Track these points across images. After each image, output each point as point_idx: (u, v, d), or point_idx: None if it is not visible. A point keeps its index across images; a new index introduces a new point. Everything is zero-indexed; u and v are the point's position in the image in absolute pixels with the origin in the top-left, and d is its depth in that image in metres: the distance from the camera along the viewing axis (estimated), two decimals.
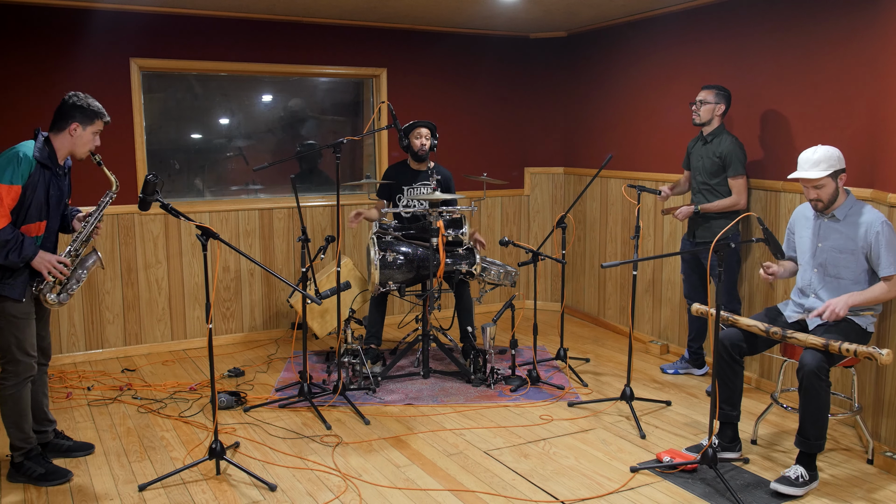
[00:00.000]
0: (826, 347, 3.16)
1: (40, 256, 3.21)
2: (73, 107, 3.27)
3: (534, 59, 6.38)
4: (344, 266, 5.08)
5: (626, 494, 3.25)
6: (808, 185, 3.39)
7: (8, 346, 3.22)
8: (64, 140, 3.28)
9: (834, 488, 3.31)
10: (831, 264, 3.44)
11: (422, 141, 4.89)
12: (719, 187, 4.44)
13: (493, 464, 3.54)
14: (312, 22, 5.57)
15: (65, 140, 3.28)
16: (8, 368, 3.25)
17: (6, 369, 3.25)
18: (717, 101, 4.41)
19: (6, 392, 3.25)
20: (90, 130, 3.32)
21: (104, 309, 5.17)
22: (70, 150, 3.31)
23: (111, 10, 4.95)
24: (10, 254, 3.09)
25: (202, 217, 5.35)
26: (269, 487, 3.29)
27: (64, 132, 3.27)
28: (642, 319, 5.59)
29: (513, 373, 4.65)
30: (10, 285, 3.16)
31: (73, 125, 3.27)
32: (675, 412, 4.19)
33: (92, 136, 3.33)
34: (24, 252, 3.13)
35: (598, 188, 6.01)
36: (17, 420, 3.30)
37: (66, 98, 3.29)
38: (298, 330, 5.46)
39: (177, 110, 5.58)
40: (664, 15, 5.23)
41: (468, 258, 4.74)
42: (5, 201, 3.07)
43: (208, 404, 4.26)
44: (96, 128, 3.34)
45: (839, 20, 4.03)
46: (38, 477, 3.33)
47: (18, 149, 3.14)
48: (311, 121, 6.09)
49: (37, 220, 3.22)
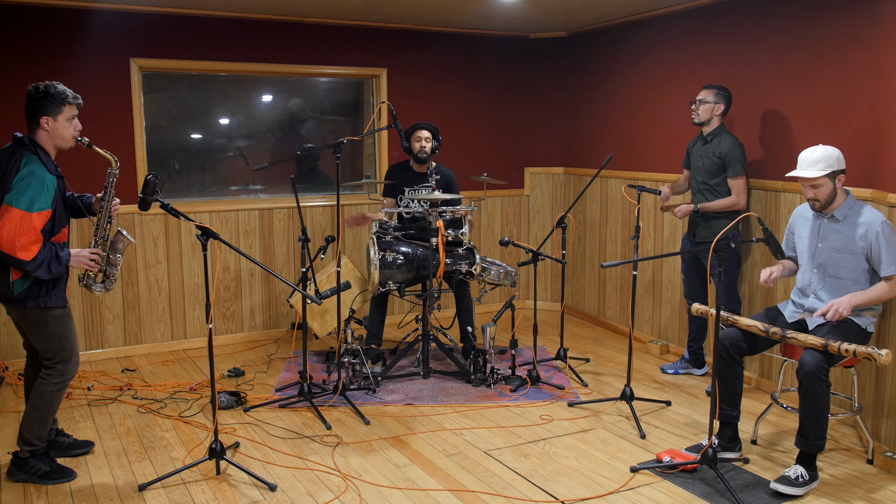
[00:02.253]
0: (826, 348, 3.16)
1: (74, 256, 3.27)
2: (36, 100, 3.15)
3: (534, 59, 6.38)
4: (344, 266, 5.08)
5: (626, 494, 3.25)
6: (805, 185, 3.40)
7: (61, 346, 3.30)
8: (43, 137, 3.19)
9: (834, 488, 3.31)
10: (831, 264, 3.44)
11: (422, 144, 4.89)
12: (719, 187, 4.44)
13: (493, 464, 3.54)
14: (312, 22, 5.57)
15: (44, 137, 3.19)
16: (58, 367, 3.31)
17: (56, 368, 3.31)
18: (716, 101, 4.41)
19: (48, 388, 3.30)
20: (63, 118, 3.20)
21: (104, 309, 5.17)
22: (53, 145, 3.23)
23: (111, 10, 4.95)
24: (52, 268, 3.15)
25: (202, 217, 5.35)
26: (269, 487, 3.29)
27: (39, 129, 3.18)
28: (642, 319, 5.59)
29: (513, 373, 4.65)
30: (55, 296, 3.24)
31: (42, 120, 3.17)
32: (675, 412, 4.19)
33: (67, 123, 3.21)
34: (62, 259, 3.20)
35: (598, 188, 6.01)
36: (44, 417, 3.34)
37: (29, 92, 3.17)
38: (298, 330, 5.46)
39: (177, 110, 5.58)
40: (664, 15, 5.23)
41: (468, 258, 4.74)
42: (38, 227, 3.07)
43: (208, 404, 4.26)
44: (68, 114, 3.21)
45: (839, 20, 4.03)
46: (43, 475, 3.34)
47: (37, 174, 3.08)
48: (311, 121, 6.09)
49: (62, 228, 3.26)
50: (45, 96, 3.16)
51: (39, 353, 3.33)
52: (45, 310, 3.22)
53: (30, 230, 3.04)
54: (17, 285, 3.15)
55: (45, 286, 3.19)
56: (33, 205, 3.05)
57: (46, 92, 3.16)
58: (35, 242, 3.06)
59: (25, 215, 3.03)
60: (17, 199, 3.04)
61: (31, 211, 3.04)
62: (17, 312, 3.24)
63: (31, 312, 3.21)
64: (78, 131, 3.28)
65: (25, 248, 3.04)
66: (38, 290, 3.18)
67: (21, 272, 3.13)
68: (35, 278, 3.15)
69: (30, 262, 3.06)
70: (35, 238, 3.06)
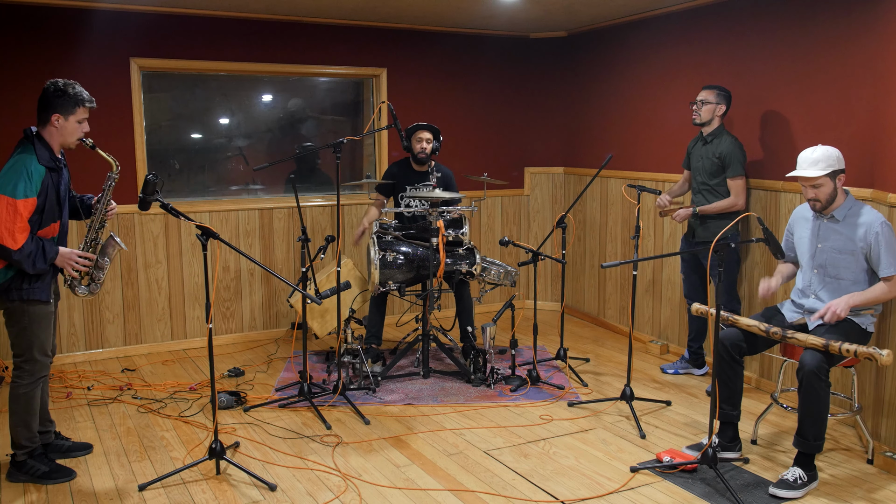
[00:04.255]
0: (826, 348, 3.16)
1: (61, 255, 3.25)
2: (53, 96, 3.15)
3: (534, 59, 6.38)
4: (344, 266, 5.08)
5: (626, 494, 3.25)
6: (806, 185, 3.40)
7: (29, 346, 3.26)
8: (51, 133, 3.20)
9: (834, 488, 3.31)
10: (831, 265, 3.44)
11: (422, 145, 4.89)
12: (719, 188, 4.44)
13: (493, 464, 3.54)
14: (312, 22, 5.57)
15: (51, 133, 3.19)
16: (24, 367, 3.28)
17: (22, 368, 3.28)
18: (717, 102, 4.41)
19: (20, 390, 3.28)
20: (73, 119, 3.20)
21: (104, 309, 5.17)
22: (59, 142, 3.23)
23: (111, 10, 4.95)
24: (36, 262, 3.13)
25: (202, 217, 5.34)
26: (269, 487, 3.29)
27: (48, 125, 3.18)
28: (642, 319, 5.59)
29: (513, 373, 4.65)
30: (38, 289, 3.21)
31: (54, 117, 3.17)
32: (675, 412, 4.19)
33: (77, 124, 3.22)
34: (48, 255, 3.18)
35: (598, 188, 6.01)
36: (26, 418, 3.32)
37: (46, 86, 3.16)
38: (298, 330, 5.46)
39: (177, 110, 5.58)
40: (664, 15, 5.23)
41: (468, 258, 4.74)
42: (24, 215, 3.06)
43: (208, 404, 4.26)
44: (80, 116, 3.22)
45: (839, 20, 4.03)
46: (42, 475, 3.34)
47: (26, 161, 3.08)
48: (311, 121, 6.09)
49: (51, 223, 3.23)
50: (63, 94, 3.15)
51: (11, 347, 3.27)
52: (26, 303, 3.18)
53: (15, 216, 3.02)
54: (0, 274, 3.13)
55: (28, 278, 3.16)
56: (17, 191, 3.03)
57: (64, 91, 3.15)
58: (22, 231, 3.04)
59: (10, 201, 3.02)
60: (2, 186, 3.03)
61: (15, 197, 3.02)
62: None
63: (13, 305, 3.18)
64: (84, 133, 3.28)
65: (12, 235, 3.02)
66: (21, 283, 3.16)
67: (4, 262, 3.11)
68: (18, 270, 3.13)
69: (15, 251, 3.04)
70: (22, 227, 3.04)
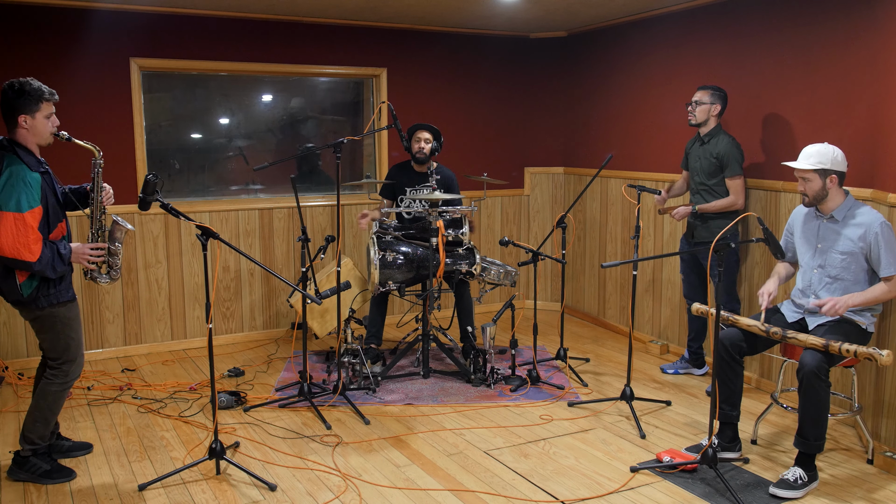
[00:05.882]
0: (826, 348, 3.16)
1: (74, 252, 3.26)
2: (13, 98, 3.09)
3: (534, 59, 6.38)
4: (344, 266, 5.08)
5: (626, 494, 3.25)
6: (797, 176, 3.45)
7: (66, 348, 3.30)
8: (23, 136, 3.13)
9: (834, 488, 3.31)
10: (831, 265, 3.44)
11: (420, 145, 4.89)
12: (717, 188, 4.44)
13: (493, 464, 3.54)
14: (312, 22, 5.56)
15: (24, 136, 3.13)
16: (63, 368, 3.32)
17: (60, 368, 3.31)
18: (712, 102, 4.41)
19: (52, 388, 3.32)
20: (40, 116, 3.13)
21: (104, 309, 5.17)
22: (35, 143, 3.17)
23: (111, 10, 4.95)
24: (56, 266, 3.16)
25: (202, 217, 5.34)
26: (269, 487, 3.29)
27: (18, 128, 3.12)
28: (642, 319, 5.59)
29: (513, 373, 4.65)
30: (63, 290, 3.26)
31: (21, 118, 3.10)
32: (675, 412, 4.19)
33: (45, 120, 3.15)
34: (65, 256, 3.20)
35: (598, 188, 6.01)
36: (47, 417, 3.35)
37: (4, 90, 3.07)
38: (298, 330, 5.46)
39: (177, 110, 5.58)
40: (664, 15, 5.23)
41: (468, 258, 4.74)
42: (33, 226, 3.06)
43: (208, 404, 4.26)
44: (46, 111, 3.13)
45: (839, 20, 4.03)
46: (43, 474, 3.34)
47: (20, 173, 3.05)
48: (311, 121, 6.09)
49: (58, 223, 3.25)
50: (21, 94, 3.08)
51: (45, 352, 3.33)
52: (55, 307, 3.22)
53: (27, 230, 3.03)
54: (24, 287, 3.15)
55: (52, 283, 3.20)
56: (22, 204, 3.02)
57: (22, 90, 3.08)
58: (36, 242, 3.06)
59: (18, 216, 3.02)
60: (5, 202, 3.02)
61: (22, 211, 3.02)
62: (29, 313, 3.25)
63: (44, 312, 3.22)
64: (56, 127, 3.22)
65: (28, 248, 3.04)
66: (48, 289, 3.19)
67: (27, 273, 3.13)
68: (42, 277, 3.16)
69: (36, 262, 3.07)
70: (35, 238, 3.06)
